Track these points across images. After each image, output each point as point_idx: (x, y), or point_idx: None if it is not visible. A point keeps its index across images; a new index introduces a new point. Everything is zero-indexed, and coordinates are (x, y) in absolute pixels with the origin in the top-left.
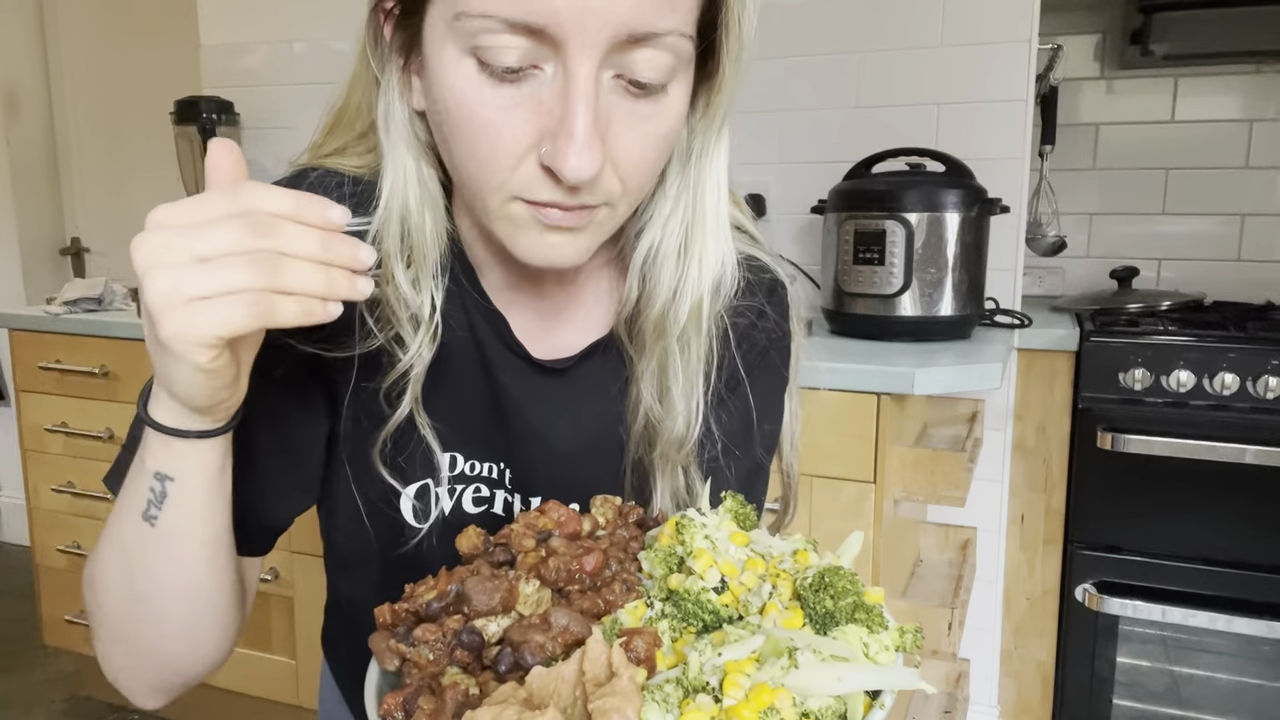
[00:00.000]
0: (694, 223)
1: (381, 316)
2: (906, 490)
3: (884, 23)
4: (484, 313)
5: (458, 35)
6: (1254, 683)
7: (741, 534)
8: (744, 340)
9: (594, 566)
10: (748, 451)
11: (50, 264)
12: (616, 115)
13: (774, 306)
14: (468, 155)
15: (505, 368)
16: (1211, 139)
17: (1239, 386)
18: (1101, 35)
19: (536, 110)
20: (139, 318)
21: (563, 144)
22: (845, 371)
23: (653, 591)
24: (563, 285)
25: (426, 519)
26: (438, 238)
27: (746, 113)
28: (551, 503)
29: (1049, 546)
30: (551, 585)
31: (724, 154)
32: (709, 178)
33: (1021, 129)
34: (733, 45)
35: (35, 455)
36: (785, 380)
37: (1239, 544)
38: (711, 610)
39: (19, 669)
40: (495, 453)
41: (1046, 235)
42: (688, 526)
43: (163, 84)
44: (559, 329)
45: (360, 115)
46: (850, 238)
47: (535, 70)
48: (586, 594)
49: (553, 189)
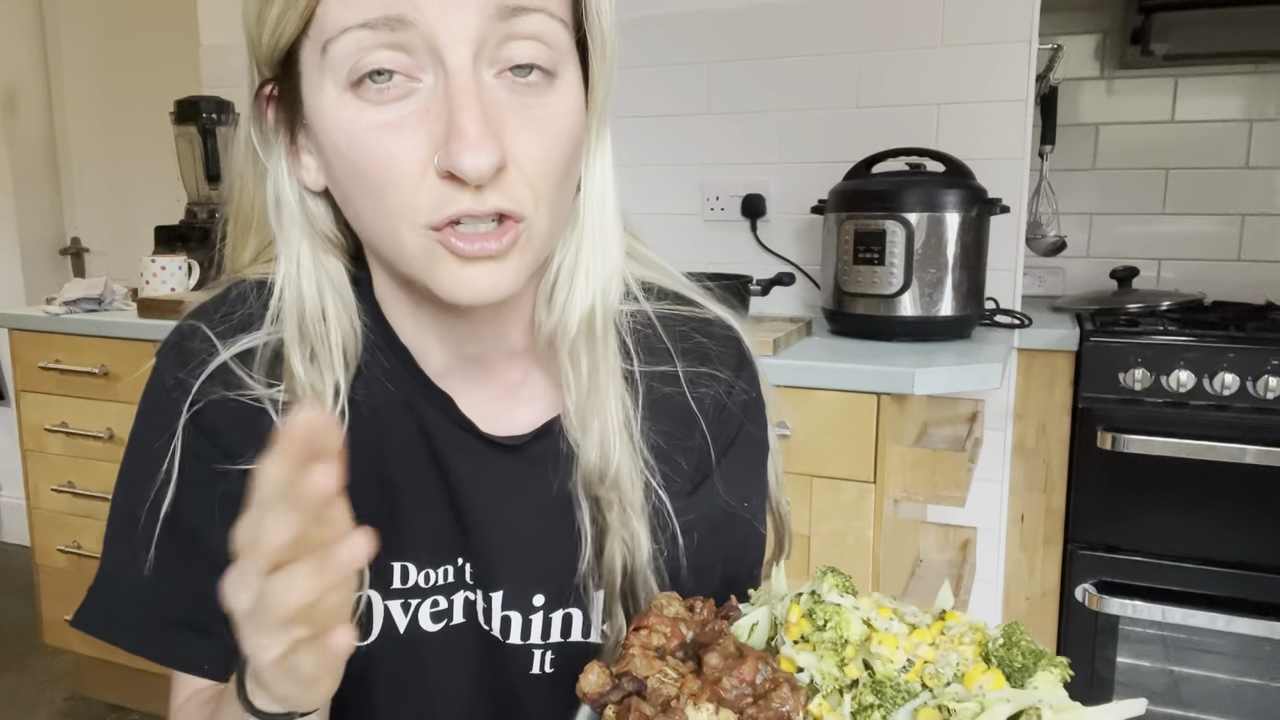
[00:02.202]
0: (582, 238)
1: (289, 392)
2: (906, 490)
3: (884, 23)
4: (427, 395)
5: (332, 69)
6: (1254, 683)
7: (887, 608)
8: (718, 416)
9: (752, 675)
10: (740, 523)
11: (50, 264)
12: (508, 114)
13: (744, 378)
14: (369, 191)
15: (456, 448)
16: (1211, 139)
17: (1239, 386)
18: (1101, 35)
19: (424, 120)
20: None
21: (455, 142)
22: (845, 371)
23: (823, 686)
24: (511, 360)
25: (367, 635)
26: (340, 323)
27: (747, 113)
28: (650, 616)
29: (1049, 546)
30: (734, 707)
31: (606, 164)
32: (594, 189)
33: (1021, 129)
34: (597, 41)
35: (35, 455)
36: (765, 449)
37: (1239, 544)
38: (910, 691)
39: (19, 669)
40: (452, 549)
41: (1046, 235)
42: (839, 612)
43: (163, 84)
44: (513, 409)
45: (256, 213)
46: (850, 238)
47: (414, 84)
48: (757, 704)
49: (458, 195)
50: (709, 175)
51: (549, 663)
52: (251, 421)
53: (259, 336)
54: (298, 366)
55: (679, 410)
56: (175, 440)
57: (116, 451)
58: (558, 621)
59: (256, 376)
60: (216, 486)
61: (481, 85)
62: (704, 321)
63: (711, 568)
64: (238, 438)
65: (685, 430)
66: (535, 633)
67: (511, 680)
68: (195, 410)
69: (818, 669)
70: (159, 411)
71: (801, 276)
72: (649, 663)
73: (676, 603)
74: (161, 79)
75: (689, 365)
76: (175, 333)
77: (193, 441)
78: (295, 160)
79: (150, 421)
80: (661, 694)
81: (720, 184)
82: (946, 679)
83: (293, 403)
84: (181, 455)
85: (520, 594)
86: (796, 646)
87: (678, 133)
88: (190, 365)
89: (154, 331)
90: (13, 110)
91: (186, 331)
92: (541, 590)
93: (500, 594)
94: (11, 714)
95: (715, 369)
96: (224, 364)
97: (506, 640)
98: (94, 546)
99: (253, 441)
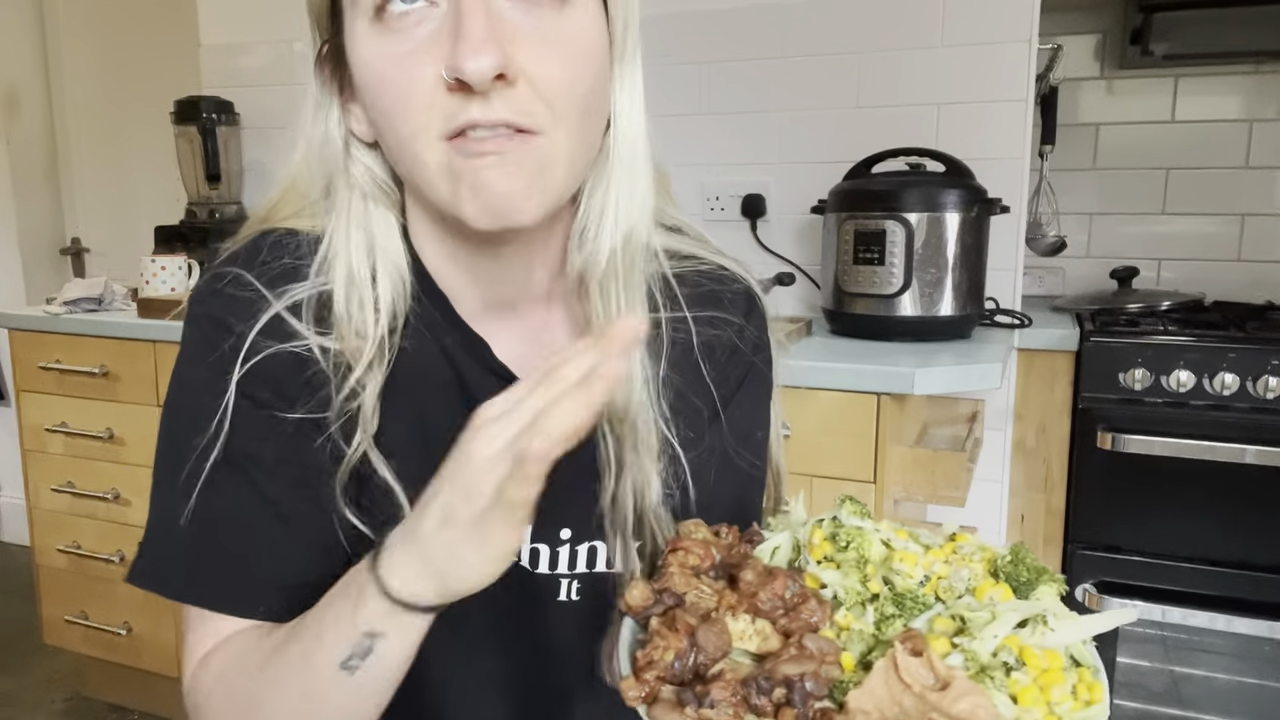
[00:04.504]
0: (612, 174)
1: (337, 357)
2: (906, 490)
3: (884, 23)
4: (463, 340)
5: (362, 5)
6: (1254, 683)
7: (903, 530)
8: (730, 357)
9: (782, 589)
10: (746, 460)
11: (50, 264)
12: (522, 33)
13: (754, 322)
14: (392, 117)
15: (489, 395)
16: (1211, 139)
17: (1239, 386)
18: (1101, 35)
19: (436, 40)
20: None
21: (459, 48)
22: (845, 371)
23: (846, 600)
24: (537, 304)
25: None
26: (389, 272)
27: (747, 113)
28: (683, 539)
29: (1049, 546)
30: (769, 617)
31: (636, 99)
32: (621, 125)
33: (1021, 129)
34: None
35: (35, 455)
36: (771, 386)
37: (1239, 544)
38: (926, 603)
39: (19, 669)
40: None
41: (1046, 235)
42: (861, 534)
43: (163, 84)
44: (538, 351)
45: (310, 168)
46: (850, 238)
47: (432, 8)
48: (788, 615)
49: (467, 105)
50: (709, 175)
51: (575, 591)
52: (302, 369)
53: (305, 287)
54: (345, 313)
55: (696, 354)
56: (229, 390)
57: (116, 451)
58: (584, 553)
59: (307, 325)
60: (271, 433)
61: (492, 3)
62: (717, 269)
63: (719, 508)
64: (291, 386)
65: (699, 374)
66: (563, 563)
67: (540, 608)
68: (250, 361)
69: (842, 585)
70: (209, 361)
71: (801, 276)
72: (687, 580)
73: (703, 528)
74: (161, 79)
75: (703, 311)
76: (214, 278)
77: (248, 390)
78: (347, 113)
79: (198, 370)
80: (700, 607)
81: (720, 184)
82: (959, 592)
83: (343, 351)
84: (235, 404)
85: (547, 527)
86: (820, 565)
87: (678, 133)
88: (241, 314)
89: (154, 332)
90: (13, 110)
91: (230, 279)
92: (568, 524)
93: (529, 527)
94: (11, 714)
95: (728, 314)
96: (275, 314)
97: (535, 570)
98: (94, 546)
99: (305, 389)
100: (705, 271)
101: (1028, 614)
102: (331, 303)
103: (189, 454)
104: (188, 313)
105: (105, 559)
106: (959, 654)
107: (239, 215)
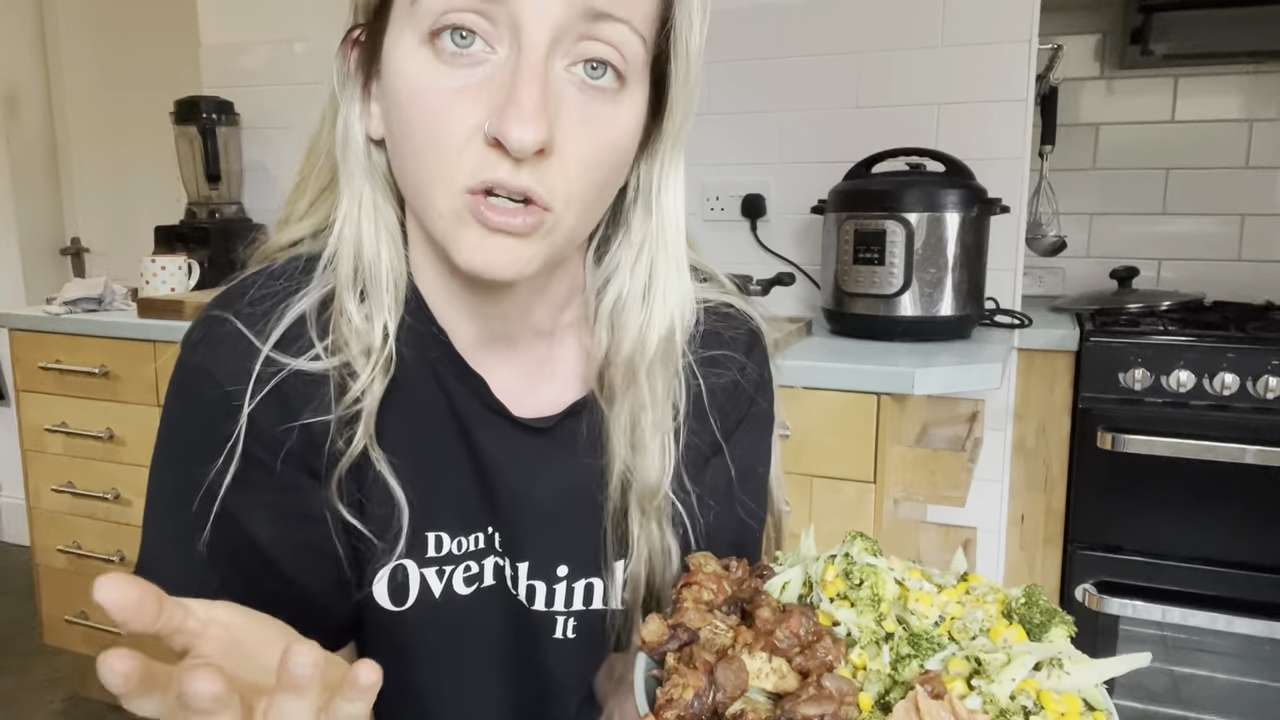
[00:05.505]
0: (655, 261)
1: (335, 346)
2: (906, 490)
3: (884, 23)
4: (460, 374)
5: (416, 19)
6: (1254, 683)
7: (916, 569)
8: (731, 395)
9: (798, 627)
10: (743, 502)
11: (50, 264)
12: (567, 108)
13: (755, 359)
14: (417, 146)
15: (486, 429)
16: (1211, 139)
17: (1239, 386)
18: (1101, 35)
19: (486, 89)
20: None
21: (509, 112)
22: (845, 371)
23: (861, 638)
24: (537, 339)
25: (404, 602)
26: (392, 263)
27: (747, 113)
28: (695, 574)
29: (1049, 546)
30: (785, 655)
31: (679, 187)
32: (668, 212)
33: (1021, 129)
34: (681, 65)
35: (35, 455)
36: (772, 422)
37: (1239, 544)
38: (940, 644)
39: (19, 669)
40: (482, 518)
41: (1046, 235)
42: (875, 573)
43: (163, 84)
44: (538, 387)
45: (326, 154)
46: (850, 238)
47: (488, 54)
48: (803, 653)
49: (498, 164)
50: (709, 175)
51: (571, 629)
52: (306, 384)
53: (310, 295)
54: (349, 305)
55: (704, 400)
56: (234, 440)
57: (116, 451)
58: (580, 590)
59: (307, 345)
60: (275, 456)
61: (551, 71)
62: (721, 306)
63: (719, 544)
64: (296, 401)
65: (705, 417)
66: (559, 600)
67: (536, 644)
68: (251, 408)
69: (856, 623)
70: (207, 418)
71: (801, 276)
72: (701, 615)
73: (713, 561)
74: (161, 79)
75: (707, 350)
76: (210, 328)
77: (250, 431)
78: (365, 107)
79: (193, 426)
80: (715, 643)
81: (720, 184)
82: (973, 633)
83: (343, 350)
84: (241, 450)
85: (545, 565)
86: (834, 603)
87: None
88: (233, 371)
89: (154, 332)
90: (13, 110)
91: (226, 332)
92: (565, 562)
93: (526, 564)
94: (11, 714)
95: (730, 350)
96: (267, 357)
97: (531, 606)
98: (94, 546)
99: (309, 400)
100: (710, 308)
101: (1043, 656)
102: (335, 307)
103: (183, 500)
104: (180, 360)
105: (105, 559)
106: (977, 697)
107: (239, 215)
